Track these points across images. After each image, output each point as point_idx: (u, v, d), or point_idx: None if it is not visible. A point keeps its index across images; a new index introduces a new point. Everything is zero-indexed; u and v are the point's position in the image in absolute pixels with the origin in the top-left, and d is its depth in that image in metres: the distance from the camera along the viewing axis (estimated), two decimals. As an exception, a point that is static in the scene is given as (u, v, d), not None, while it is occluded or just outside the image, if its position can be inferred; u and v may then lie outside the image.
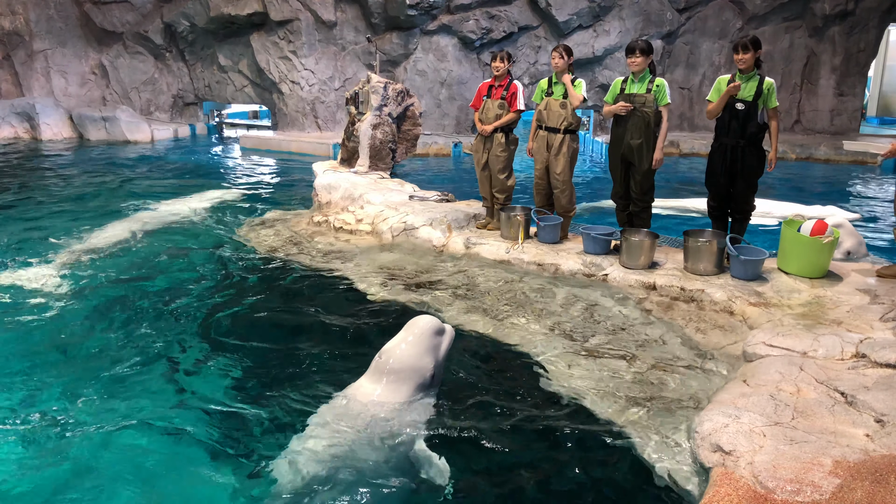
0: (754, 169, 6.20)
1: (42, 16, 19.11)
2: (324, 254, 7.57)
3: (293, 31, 17.94)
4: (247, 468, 3.71)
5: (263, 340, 5.39)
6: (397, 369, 3.91)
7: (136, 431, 4.07)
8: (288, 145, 17.17)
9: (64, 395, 4.48)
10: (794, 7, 18.28)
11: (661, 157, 6.52)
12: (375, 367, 3.99)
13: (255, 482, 3.55)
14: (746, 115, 6.11)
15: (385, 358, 3.96)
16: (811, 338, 4.47)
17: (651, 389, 4.44)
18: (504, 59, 7.23)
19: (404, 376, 3.90)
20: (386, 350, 4.01)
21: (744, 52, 6.00)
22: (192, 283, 6.79)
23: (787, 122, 18.93)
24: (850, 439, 3.19)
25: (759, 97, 6.07)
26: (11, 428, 4.06)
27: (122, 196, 11.23)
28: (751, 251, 6.03)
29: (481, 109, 7.45)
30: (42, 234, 8.49)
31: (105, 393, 4.51)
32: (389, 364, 3.93)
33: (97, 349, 5.20)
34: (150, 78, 20.06)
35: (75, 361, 5.01)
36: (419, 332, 4.03)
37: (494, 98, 7.33)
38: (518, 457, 3.82)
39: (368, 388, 3.94)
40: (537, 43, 18.14)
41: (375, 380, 3.95)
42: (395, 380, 3.89)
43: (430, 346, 4.01)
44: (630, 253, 6.37)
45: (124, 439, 3.98)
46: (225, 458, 3.86)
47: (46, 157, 15.87)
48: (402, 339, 4.03)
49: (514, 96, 7.26)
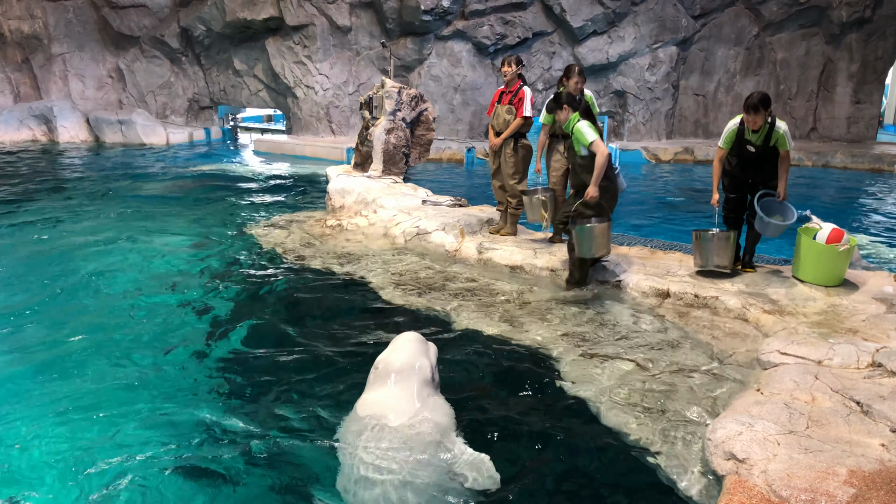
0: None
1: (60, 20, 19.31)
2: (336, 256, 7.59)
3: (308, 35, 18.03)
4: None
5: (275, 341, 5.40)
6: (398, 369, 3.89)
7: (151, 435, 4.09)
8: (302, 149, 17.23)
9: (74, 393, 4.51)
10: (811, 14, 18.18)
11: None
12: (376, 375, 3.95)
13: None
14: (759, 157, 6.10)
15: (384, 365, 3.94)
16: (826, 346, 4.43)
17: (664, 397, 4.41)
18: (511, 64, 7.25)
19: (408, 374, 3.88)
20: (382, 358, 4.00)
21: (755, 113, 5.85)
22: (204, 283, 6.82)
23: (803, 130, 18.82)
24: (865, 449, 3.16)
25: (768, 141, 6.03)
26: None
27: (135, 198, 11.31)
28: (783, 209, 6.12)
29: (492, 116, 7.53)
30: (54, 233, 8.57)
31: (112, 396, 4.53)
32: (391, 367, 3.91)
33: (101, 349, 5.22)
34: (166, 82, 20.21)
35: (81, 360, 5.04)
36: (407, 338, 4.07)
37: (504, 103, 7.39)
38: (529, 462, 3.80)
39: (377, 398, 3.87)
40: (552, 49, 18.14)
41: (380, 386, 3.90)
42: (401, 380, 3.86)
43: (420, 350, 4.02)
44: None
45: (137, 445, 4.00)
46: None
47: (64, 159, 16.02)
48: (394, 347, 4.04)
49: (521, 102, 7.27)
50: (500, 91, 7.52)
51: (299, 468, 3.80)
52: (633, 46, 18.07)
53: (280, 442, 3.99)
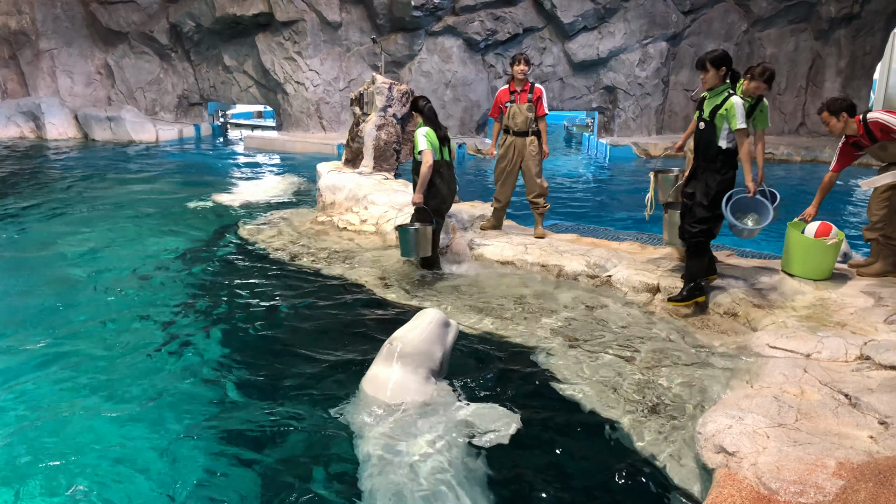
0: (706, 192, 5.45)
1: (48, 15, 19.17)
2: (328, 254, 7.57)
3: (298, 31, 17.97)
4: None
5: (265, 339, 5.40)
6: (409, 353, 4.02)
7: (142, 432, 4.08)
8: (292, 146, 17.18)
9: (64, 388, 4.50)
10: (800, 10, 18.24)
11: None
12: (388, 352, 4.08)
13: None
14: (703, 134, 5.46)
15: (396, 344, 4.07)
16: (815, 340, 4.46)
17: (654, 391, 4.43)
18: (523, 62, 7.12)
19: (417, 360, 4.01)
20: (397, 336, 4.13)
21: (701, 70, 5.30)
22: (195, 281, 6.80)
23: (792, 125, 18.90)
24: (853, 441, 3.18)
25: (716, 116, 5.33)
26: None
27: (125, 196, 11.26)
28: (758, 206, 5.55)
29: (507, 115, 7.28)
30: (38, 233, 8.52)
31: (101, 392, 4.51)
32: (401, 349, 4.04)
33: (91, 347, 5.20)
34: (155, 78, 20.10)
35: (71, 358, 5.02)
36: (428, 321, 4.19)
37: (521, 102, 7.20)
38: (520, 456, 3.81)
39: (384, 375, 4.01)
40: (542, 44, 18.15)
41: (387, 365, 4.03)
42: (408, 363, 3.99)
43: (438, 334, 4.15)
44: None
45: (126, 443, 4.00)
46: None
47: (51, 156, 15.91)
48: (412, 327, 4.16)
49: (540, 100, 7.21)
50: (507, 90, 7.30)
51: (293, 449, 3.91)
52: (623, 42, 18.10)
53: (272, 430, 4.02)
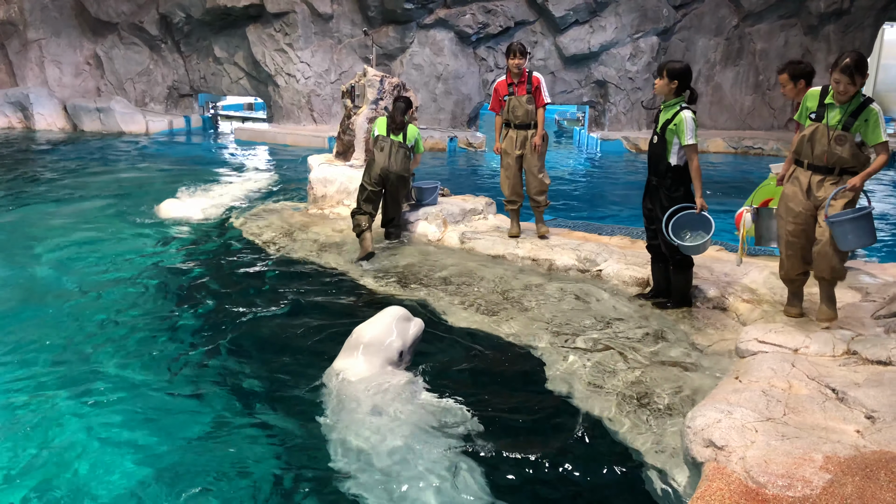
0: (663, 210, 5.44)
1: (37, 5, 18.96)
2: (319, 246, 7.57)
3: (289, 23, 17.87)
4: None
5: (254, 330, 5.41)
6: (367, 343, 4.36)
7: (134, 420, 4.08)
8: (283, 138, 17.11)
9: (61, 382, 4.49)
10: (790, 5, 18.28)
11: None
12: (348, 344, 4.44)
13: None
14: (654, 149, 5.45)
15: (356, 336, 4.43)
16: (803, 335, 4.49)
17: (644, 385, 4.46)
18: (524, 54, 6.97)
19: (373, 350, 4.33)
20: (357, 329, 4.48)
21: (657, 77, 5.27)
22: (185, 273, 6.78)
23: (781, 120, 18.93)
24: (840, 435, 3.22)
25: (667, 130, 5.28)
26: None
27: (114, 188, 11.20)
28: (704, 222, 5.35)
29: (507, 108, 7.10)
30: (32, 224, 8.47)
31: (94, 384, 4.51)
32: (362, 340, 4.39)
33: (85, 339, 5.19)
34: (145, 69, 19.95)
35: (64, 348, 5.01)
36: (389, 314, 4.54)
37: (520, 94, 7.02)
38: (509, 452, 3.83)
39: (340, 364, 4.35)
40: (533, 38, 18.11)
41: (349, 355, 4.37)
42: (367, 353, 4.33)
43: (398, 329, 4.47)
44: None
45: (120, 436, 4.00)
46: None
47: (40, 147, 15.80)
48: (373, 321, 4.51)
49: (539, 90, 7.02)
50: (505, 82, 7.11)
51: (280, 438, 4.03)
52: (614, 36, 18.10)
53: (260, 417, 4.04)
